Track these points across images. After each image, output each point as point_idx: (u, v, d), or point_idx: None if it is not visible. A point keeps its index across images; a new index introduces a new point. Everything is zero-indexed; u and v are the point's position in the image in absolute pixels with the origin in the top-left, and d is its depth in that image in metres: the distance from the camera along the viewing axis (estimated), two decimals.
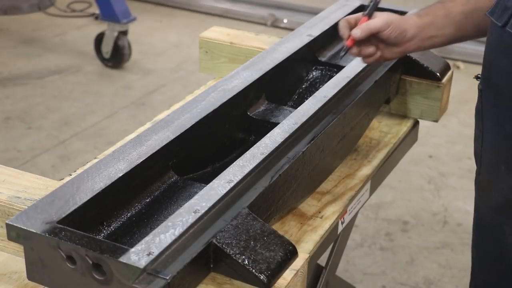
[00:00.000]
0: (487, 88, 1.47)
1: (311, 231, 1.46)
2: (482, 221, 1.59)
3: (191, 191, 1.36)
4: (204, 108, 1.49)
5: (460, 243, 3.00)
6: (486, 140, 1.50)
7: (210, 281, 1.16)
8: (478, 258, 1.63)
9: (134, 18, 4.38)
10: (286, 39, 1.85)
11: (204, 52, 2.09)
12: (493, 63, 1.43)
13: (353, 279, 2.77)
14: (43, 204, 1.17)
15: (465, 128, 3.85)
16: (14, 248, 1.29)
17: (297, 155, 1.40)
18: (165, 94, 4.19)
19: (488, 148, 1.50)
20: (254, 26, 5.18)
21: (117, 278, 1.05)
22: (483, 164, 1.53)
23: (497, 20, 1.39)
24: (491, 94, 1.46)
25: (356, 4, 2.12)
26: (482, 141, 1.51)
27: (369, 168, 1.71)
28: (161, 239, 1.09)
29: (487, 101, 1.48)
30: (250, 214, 1.20)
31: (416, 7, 2.10)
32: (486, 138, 1.50)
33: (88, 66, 4.48)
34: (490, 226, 1.54)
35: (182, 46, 4.89)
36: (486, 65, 1.47)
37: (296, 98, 1.81)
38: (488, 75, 1.46)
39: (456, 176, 3.47)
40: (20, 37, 4.88)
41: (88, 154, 3.45)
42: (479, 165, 1.54)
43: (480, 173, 1.55)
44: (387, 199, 3.28)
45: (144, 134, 1.38)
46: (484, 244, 1.60)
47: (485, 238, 1.59)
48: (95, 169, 1.27)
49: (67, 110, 3.95)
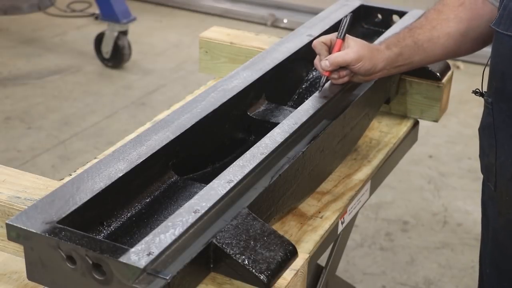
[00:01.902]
0: (501, 101, 1.43)
1: (311, 231, 1.46)
2: (502, 236, 1.53)
3: (191, 191, 1.36)
4: (204, 108, 1.49)
5: (460, 243, 3.00)
6: (502, 153, 1.46)
7: (210, 281, 1.16)
8: (499, 276, 1.56)
9: (134, 18, 4.39)
10: (286, 39, 1.85)
11: (204, 52, 2.09)
12: (507, 74, 1.40)
13: (353, 279, 2.77)
14: (43, 204, 1.17)
15: (465, 128, 3.85)
16: (14, 248, 1.29)
17: (297, 155, 1.40)
18: (165, 94, 4.19)
19: (506, 161, 1.45)
20: (254, 26, 5.18)
21: (117, 278, 1.05)
22: (500, 178, 1.48)
23: (506, 31, 1.37)
24: (506, 106, 1.42)
25: (356, 4, 2.12)
26: (496, 155, 1.47)
27: (369, 168, 1.71)
28: (161, 239, 1.09)
29: (500, 113, 1.44)
30: (250, 214, 1.20)
31: (416, 7, 2.11)
32: (501, 151, 1.46)
33: (88, 66, 4.48)
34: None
35: (182, 46, 4.89)
36: (497, 77, 1.43)
37: (296, 98, 1.81)
38: (502, 87, 1.42)
39: (456, 176, 3.47)
40: (20, 37, 4.88)
41: (88, 154, 3.45)
42: (495, 180, 1.50)
43: (496, 188, 1.50)
44: (387, 199, 3.28)
45: (144, 134, 1.38)
46: (506, 261, 1.54)
47: (506, 255, 1.53)
48: (95, 169, 1.27)
49: (67, 110, 3.95)
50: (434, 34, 1.59)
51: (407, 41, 1.60)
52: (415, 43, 1.59)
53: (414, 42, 1.59)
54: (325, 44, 1.57)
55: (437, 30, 1.59)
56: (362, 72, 1.57)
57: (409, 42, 1.59)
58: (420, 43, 1.59)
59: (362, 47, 1.56)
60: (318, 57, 1.59)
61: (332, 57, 1.55)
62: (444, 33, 1.59)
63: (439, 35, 1.59)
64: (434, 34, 1.59)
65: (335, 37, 1.58)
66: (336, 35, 1.58)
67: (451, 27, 1.59)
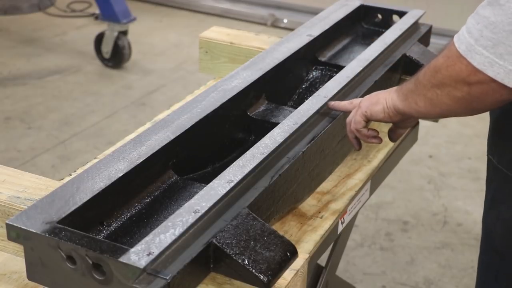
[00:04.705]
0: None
1: (311, 231, 1.46)
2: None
3: (191, 191, 1.36)
4: (204, 108, 1.49)
5: (460, 243, 3.00)
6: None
7: (210, 281, 1.16)
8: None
9: (134, 18, 4.39)
10: (286, 39, 1.85)
11: (204, 52, 2.09)
12: None
13: (353, 279, 2.77)
14: (43, 204, 1.17)
15: (465, 128, 3.85)
16: (14, 248, 1.29)
17: (297, 155, 1.40)
18: (165, 94, 4.19)
19: None
20: (254, 26, 5.18)
21: (117, 278, 1.05)
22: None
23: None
24: None
25: (356, 4, 2.12)
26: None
27: (369, 168, 1.71)
28: (161, 239, 1.09)
29: None
30: (250, 214, 1.20)
31: (416, 7, 2.11)
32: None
33: (88, 66, 4.48)
34: None
35: (182, 46, 4.89)
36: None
37: (296, 98, 1.81)
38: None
39: (456, 176, 3.47)
40: (20, 37, 4.88)
41: (88, 154, 3.45)
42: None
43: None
44: (387, 199, 3.28)
45: (144, 134, 1.38)
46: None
47: None
48: (95, 169, 1.27)
49: (67, 110, 3.95)
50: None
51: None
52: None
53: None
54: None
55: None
56: (365, 105, 1.51)
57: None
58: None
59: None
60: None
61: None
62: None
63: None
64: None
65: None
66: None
67: None
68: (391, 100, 1.44)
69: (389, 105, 1.44)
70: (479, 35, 1.19)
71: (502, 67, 1.17)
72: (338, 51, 2.00)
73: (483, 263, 1.59)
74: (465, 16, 1.24)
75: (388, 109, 1.45)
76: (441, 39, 3.73)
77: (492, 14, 1.17)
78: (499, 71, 1.17)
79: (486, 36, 1.18)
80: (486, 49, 1.18)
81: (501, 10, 1.16)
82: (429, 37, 2.10)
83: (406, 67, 1.91)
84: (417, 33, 2.03)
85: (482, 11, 1.19)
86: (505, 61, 1.16)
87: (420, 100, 1.35)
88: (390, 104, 1.44)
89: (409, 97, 1.38)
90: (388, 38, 1.88)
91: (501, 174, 1.46)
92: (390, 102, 1.44)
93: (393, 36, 1.90)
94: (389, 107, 1.44)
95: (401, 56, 1.87)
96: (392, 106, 1.43)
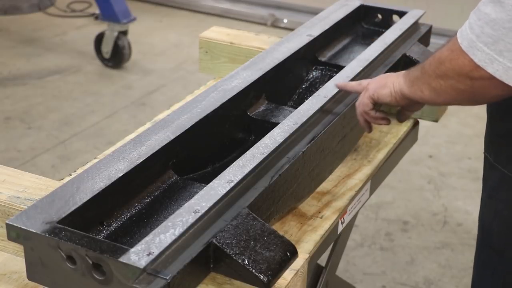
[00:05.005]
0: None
1: (311, 231, 1.46)
2: None
3: (191, 191, 1.36)
4: (204, 108, 1.49)
5: (460, 243, 3.00)
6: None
7: (210, 281, 1.16)
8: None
9: (134, 18, 4.38)
10: (286, 39, 1.85)
11: (204, 52, 2.09)
12: None
13: (353, 279, 2.77)
14: (43, 204, 1.17)
15: (465, 128, 3.85)
16: (14, 248, 1.29)
17: (297, 155, 1.40)
18: (165, 94, 4.19)
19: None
20: (254, 26, 5.18)
21: (117, 278, 1.05)
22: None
23: None
24: None
25: (356, 4, 2.12)
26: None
27: (369, 168, 1.71)
28: (161, 239, 1.09)
29: None
30: (250, 214, 1.20)
31: (416, 7, 2.11)
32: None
33: (88, 66, 4.48)
34: None
35: (182, 46, 4.89)
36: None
37: (296, 98, 1.81)
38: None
39: (456, 176, 3.47)
40: (20, 37, 4.88)
41: (88, 154, 3.45)
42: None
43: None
44: (387, 199, 3.28)
45: (144, 134, 1.38)
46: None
47: None
48: (95, 169, 1.27)
49: (67, 110, 3.95)
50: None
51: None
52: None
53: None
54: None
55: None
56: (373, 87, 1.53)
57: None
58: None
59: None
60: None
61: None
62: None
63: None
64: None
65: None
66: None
67: None
68: (398, 85, 1.46)
69: (396, 89, 1.46)
70: (480, 31, 1.19)
71: (501, 64, 1.17)
72: (338, 51, 2.00)
73: (480, 260, 1.59)
74: (465, 16, 1.25)
75: (395, 93, 1.47)
76: (441, 39, 3.72)
77: (493, 11, 1.18)
78: (498, 68, 1.18)
79: (487, 33, 1.18)
80: (487, 45, 1.18)
81: (502, 7, 1.16)
82: (429, 37, 2.10)
83: (406, 67, 1.90)
84: (417, 33, 2.03)
85: (484, 7, 1.20)
86: (504, 58, 1.17)
87: (425, 89, 1.37)
88: (397, 88, 1.46)
89: (415, 84, 1.40)
90: (388, 38, 1.88)
91: (497, 172, 1.47)
92: (397, 86, 1.46)
93: (393, 36, 1.90)
94: (396, 91, 1.46)
95: (401, 56, 1.87)
96: (399, 90, 1.45)
